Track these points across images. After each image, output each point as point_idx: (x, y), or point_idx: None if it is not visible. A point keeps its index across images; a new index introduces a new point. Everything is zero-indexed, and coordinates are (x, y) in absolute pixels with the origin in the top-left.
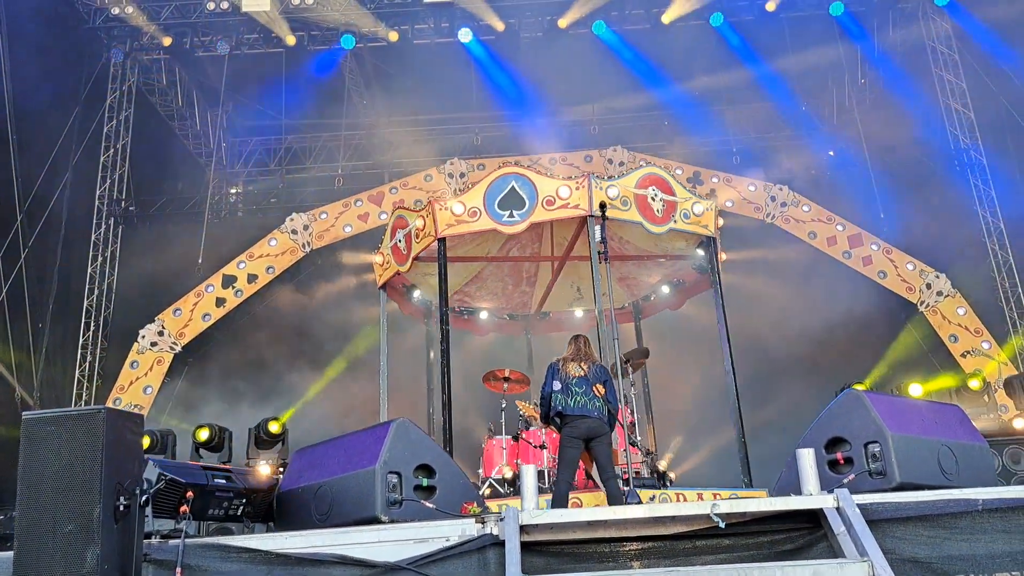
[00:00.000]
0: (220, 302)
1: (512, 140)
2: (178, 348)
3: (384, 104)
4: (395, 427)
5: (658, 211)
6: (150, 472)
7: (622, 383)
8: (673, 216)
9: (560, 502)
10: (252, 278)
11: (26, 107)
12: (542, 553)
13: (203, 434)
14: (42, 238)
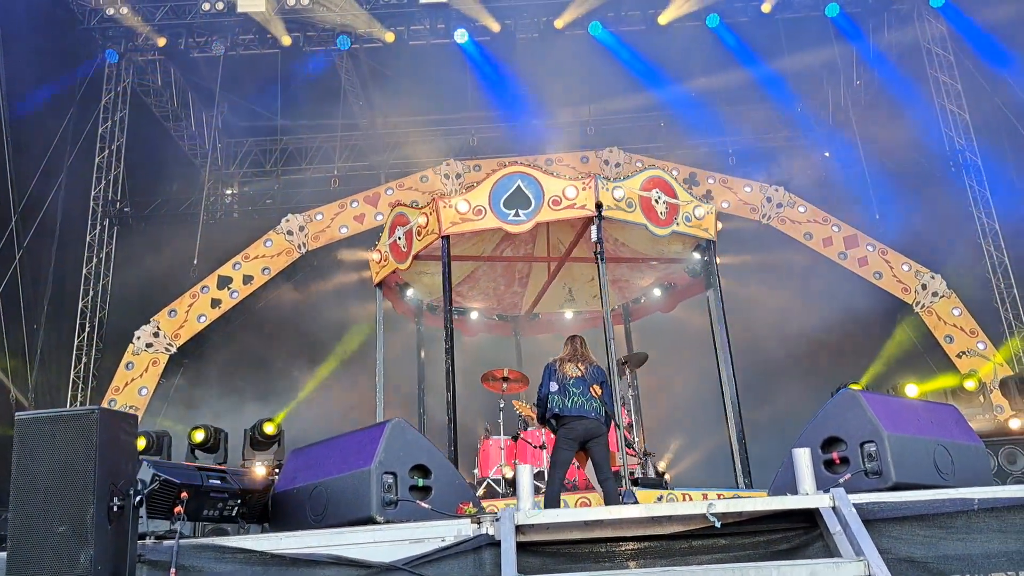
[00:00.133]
0: (215, 303)
1: (508, 141)
2: (173, 349)
3: (380, 105)
4: (391, 427)
5: (661, 213)
6: (144, 473)
7: (619, 384)
8: (676, 219)
9: (552, 502)
10: (248, 279)
11: (20, 108)
12: (538, 553)
13: (199, 435)
14: (37, 239)
